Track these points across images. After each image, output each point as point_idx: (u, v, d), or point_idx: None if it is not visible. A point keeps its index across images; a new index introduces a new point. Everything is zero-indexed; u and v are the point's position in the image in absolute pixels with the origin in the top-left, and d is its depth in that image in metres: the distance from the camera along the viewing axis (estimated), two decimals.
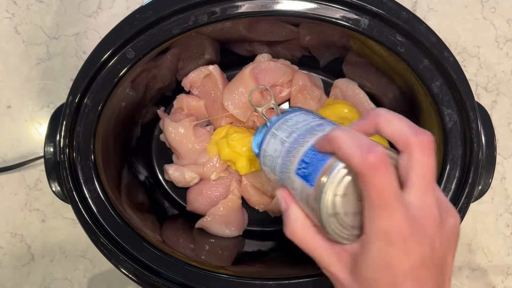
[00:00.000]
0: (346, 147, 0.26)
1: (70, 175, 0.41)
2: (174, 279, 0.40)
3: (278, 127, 0.35)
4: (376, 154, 0.25)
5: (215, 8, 0.42)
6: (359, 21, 0.42)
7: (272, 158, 0.34)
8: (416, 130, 0.27)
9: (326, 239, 0.29)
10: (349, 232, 0.28)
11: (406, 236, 0.25)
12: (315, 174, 0.28)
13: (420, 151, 0.26)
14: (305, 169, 0.29)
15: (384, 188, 0.25)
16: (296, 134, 0.32)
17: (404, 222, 0.25)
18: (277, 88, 0.53)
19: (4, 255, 0.55)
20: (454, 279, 0.55)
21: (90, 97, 0.42)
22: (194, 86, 0.53)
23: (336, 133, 0.27)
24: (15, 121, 0.56)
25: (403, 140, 0.27)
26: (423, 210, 0.26)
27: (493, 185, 0.56)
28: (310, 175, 0.29)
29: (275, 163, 0.33)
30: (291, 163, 0.31)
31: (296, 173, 0.30)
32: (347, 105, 0.51)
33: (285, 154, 0.32)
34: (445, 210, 0.27)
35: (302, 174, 0.30)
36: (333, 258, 0.28)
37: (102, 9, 0.58)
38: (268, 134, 0.35)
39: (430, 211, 0.26)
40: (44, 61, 0.57)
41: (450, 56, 0.41)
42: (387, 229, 0.25)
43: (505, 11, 0.58)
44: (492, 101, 0.57)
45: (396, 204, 0.25)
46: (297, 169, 0.30)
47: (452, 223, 0.27)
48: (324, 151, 0.28)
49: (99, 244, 0.40)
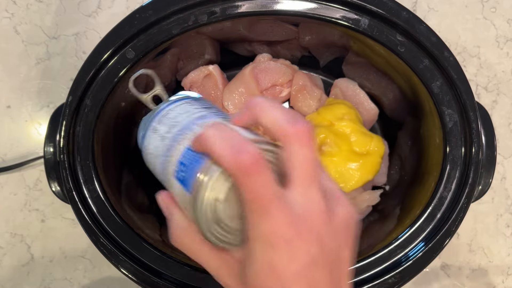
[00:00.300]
0: (217, 148, 0.23)
1: (70, 175, 0.41)
2: (174, 279, 0.40)
3: (159, 120, 0.30)
4: (248, 154, 0.22)
5: (215, 8, 0.42)
6: (359, 21, 0.42)
7: (152, 157, 0.30)
8: (293, 119, 0.24)
9: (215, 247, 0.26)
10: (236, 237, 0.25)
11: (290, 237, 0.23)
12: (192, 179, 0.25)
13: (297, 142, 0.24)
14: (183, 172, 0.26)
15: (260, 190, 0.23)
16: (176, 130, 0.28)
17: (286, 222, 0.23)
18: (277, 88, 0.53)
19: (4, 255, 0.55)
20: (454, 279, 0.55)
21: (90, 97, 0.42)
22: (194, 86, 0.53)
23: (207, 132, 0.24)
24: (15, 121, 0.56)
25: (280, 131, 0.24)
26: (307, 206, 0.24)
27: (493, 185, 0.56)
28: (187, 180, 0.25)
29: (156, 162, 0.29)
30: (170, 164, 0.27)
31: (174, 176, 0.26)
32: (347, 105, 0.51)
33: (164, 153, 0.28)
34: (335, 202, 0.25)
35: (181, 177, 0.26)
36: (222, 267, 0.26)
37: (101, 9, 0.58)
38: (150, 128, 0.30)
39: (316, 206, 0.24)
40: (43, 61, 0.57)
41: (450, 56, 0.41)
42: (268, 232, 0.23)
43: (505, 11, 0.58)
44: (492, 101, 0.57)
45: (275, 205, 0.23)
46: (175, 172, 0.26)
47: (343, 214, 0.25)
48: (199, 151, 0.25)
49: (99, 244, 0.40)
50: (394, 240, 0.40)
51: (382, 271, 0.40)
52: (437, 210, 0.41)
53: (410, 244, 0.40)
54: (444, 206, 0.41)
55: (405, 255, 0.40)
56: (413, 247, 0.40)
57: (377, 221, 0.49)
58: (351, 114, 0.50)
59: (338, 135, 0.49)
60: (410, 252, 0.40)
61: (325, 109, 0.51)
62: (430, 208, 0.41)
